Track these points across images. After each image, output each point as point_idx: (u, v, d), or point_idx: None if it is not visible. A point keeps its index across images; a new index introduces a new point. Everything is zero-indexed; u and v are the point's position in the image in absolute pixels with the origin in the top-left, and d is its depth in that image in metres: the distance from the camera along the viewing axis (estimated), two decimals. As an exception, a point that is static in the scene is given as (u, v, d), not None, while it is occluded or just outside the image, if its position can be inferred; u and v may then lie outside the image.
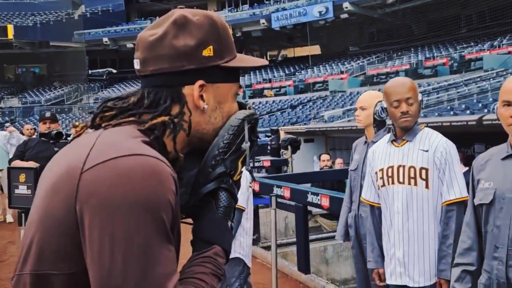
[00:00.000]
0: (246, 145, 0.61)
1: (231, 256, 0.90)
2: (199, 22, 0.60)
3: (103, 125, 0.58)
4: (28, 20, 26.18)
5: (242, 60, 0.64)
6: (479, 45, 20.81)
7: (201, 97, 0.59)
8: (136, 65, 0.61)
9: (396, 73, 21.64)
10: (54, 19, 26.54)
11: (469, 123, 6.76)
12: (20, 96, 26.00)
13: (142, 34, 0.61)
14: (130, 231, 0.49)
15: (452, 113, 13.67)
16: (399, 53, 23.91)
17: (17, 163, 3.42)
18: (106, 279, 0.49)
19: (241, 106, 0.64)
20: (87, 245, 0.50)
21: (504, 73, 15.88)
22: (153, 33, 0.59)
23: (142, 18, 28.01)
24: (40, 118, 3.63)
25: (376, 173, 1.92)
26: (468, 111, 11.65)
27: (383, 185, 1.88)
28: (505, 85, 1.49)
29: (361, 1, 23.24)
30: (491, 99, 11.98)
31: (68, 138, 3.29)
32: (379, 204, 1.95)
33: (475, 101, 13.41)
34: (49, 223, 0.54)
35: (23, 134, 6.77)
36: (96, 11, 27.29)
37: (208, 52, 0.59)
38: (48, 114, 3.39)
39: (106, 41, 25.62)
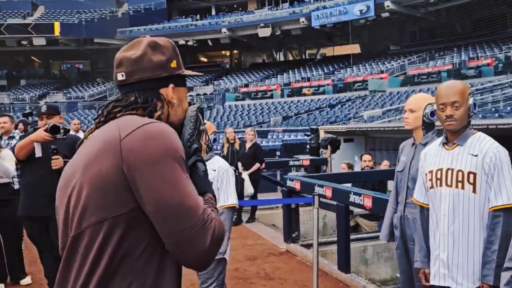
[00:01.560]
0: (203, 127, 0.90)
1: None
2: (165, 44, 0.85)
3: (118, 115, 0.80)
4: (74, 17, 27.08)
5: (188, 71, 0.91)
6: None
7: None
8: (120, 77, 0.82)
9: (438, 73, 21.25)
10: (98, 16, 27.46)
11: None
12: (65, 91, 26.95)
13: (123, 54, 0.83)
14: (170, 170, 0.73)
15: (497, 115, 13.40)
16: (442, 53, 23.53)
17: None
18: (166, 200, 0.72)
19: (188, 103, 0.90)
20: (141, 187, 0.72)
21: None
22: (133, 53, 0.82)
23: (184, 16, 28.49)
24: (37, 113, 3.13)
25: (426, 174, 1.94)
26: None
27: (432, 187, 1.90)
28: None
29: (403, 0, 22.81)
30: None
31: (68, 134, 2.83)
32: (428, 205, 1.96)
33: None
34: (101, 183, 0.74)
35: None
36: (139, 9, 28.01)
37: (174, 64, 0.84)
38: (44, 109, 2.83)
39: None
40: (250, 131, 6.60)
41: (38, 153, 2.73)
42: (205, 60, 33.33)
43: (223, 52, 32.82)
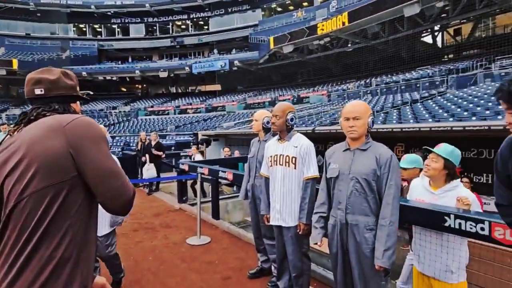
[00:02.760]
0: None
1: (109, 231, 2.77)
2: (72, 75, 1.16)
3: (47, 115, 1.03)
4: (28, 57, 36.07)
5: (80, 93, 1.22)
6: (307, 89, 31.89)
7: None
8: (39, 91, 1.05)
9: (263, 103, 30.29)
10: (47, 57, 36.68)
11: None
12: (21, 107, 34.61)
13: (40, 76, 1.07)
14: (105, 148, 1.00)
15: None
16: (265, 91, 34.95)
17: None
18: (105, 167, 0.97)
19: None
20: (86, 159, 0.94)
21: (322, 104, 24.91)
22: (49, 76, 1.07)
23: (110, 61, 39.65)
24: None
25: (268, 158, 2.74)
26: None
27: (271, 165, 2.68)
28: (345, 108, 2.15)
29: (244, 60, 35.75)
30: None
31: None
32: (269, 176, 2.74)
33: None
34: (49, 157, 0.90)
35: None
36: (77, 54, 38.29)
37: (77, 87, 1.16)
38: None
39: (85, 75, 36.40)
40: (154, 134, 8.40)
41: None
42: (125, 89, 44.46)
43: (137, 85, 44.39)
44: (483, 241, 2.15)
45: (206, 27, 42.08)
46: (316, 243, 2.31)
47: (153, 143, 8.18)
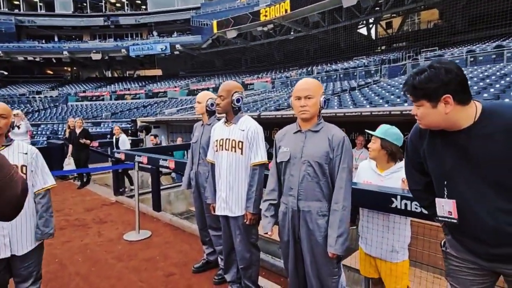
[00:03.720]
0: None
1: (33, 247, 1.92)
2: None
3: None
4: None
5: None
6: (251, 76, 32.73)
7: None
8: None
9: (207, 89, 26.39)
10: None
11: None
12: None
13: None
14: None
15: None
16: (208, 77, 35.33)
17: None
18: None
19: None
20: None
21: (266, 91, 26.35)
22: None
23: (31, 40, 35.39)
24: None
25: (213, 142, 2.54)
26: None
27: (217, 150, 2.49)
28: (297, 86, 1.98)
29: (186, 44, 34.94)
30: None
31: None
32: (215, 162, 2.52)
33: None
34: None
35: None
36: None
37: None
38: None
39: (0, 54, 32.56)
40: (79, 121, 7.31)
41: None
42: (51, 72, 40.44)
43: (66, 67, 40.51)
44: (427, 220, 2.18)
45: (144, 7, 39.60)
46: (266, 233, 2.16)
47: (77, 130, 7.27)
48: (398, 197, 2.21)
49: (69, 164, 7.24)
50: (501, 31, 20.52)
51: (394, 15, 29.35)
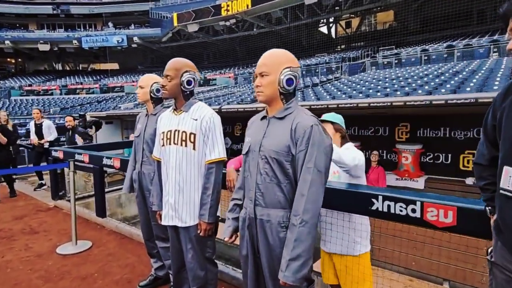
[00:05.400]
0: None
1: None
2: None
3: None
4: None
5: None
6: (215, 71, 32.77)
7: None
8: None
9: None
10: None
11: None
12: None
13: None
14: None
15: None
16: None
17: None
18: None
19: None
20: None
21: (228, 86, 25.78)
22: None
23: None
24: None
25: (159, 135, 2.10)
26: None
27: (163, 145, 2.04)
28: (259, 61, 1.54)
29: (145, 37, 33.49)
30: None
31: None
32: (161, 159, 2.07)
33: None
34: None
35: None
36: None
37: None
38: None
39: None
40: (3, 114, 6.21)
41: None
42: None
43: (8, 59, 37.00)
44: (414, 225, 1.87)
45: (98, -4, 37.08)
46: (225, 238, 1.76)
47: None
48: (380, 197, 1.89)
49: None
50: (451, 32, 21.77)
51: (353, 15, 30.17)
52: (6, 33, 33.09)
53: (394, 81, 12.43)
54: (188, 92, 2.05)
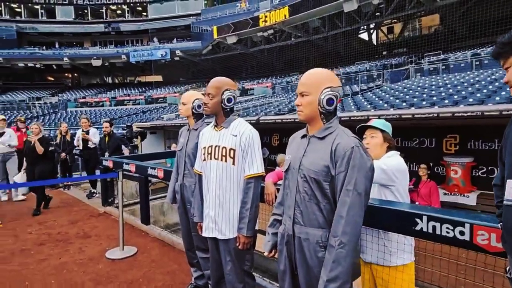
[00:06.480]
0: None
1: None
2: None
3: None
4: None
5: None
6: (252, 81, 33.81)
7: None
8: None
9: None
10: None
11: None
12: None
13: None
14: None
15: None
16: (208, 83, 38.89)
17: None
18: None
19: None
20: None
21: (266, 96, 26.99)
22: None
23: (32, 46, 35.44)
24: None
25: (201, 150, 2.19)
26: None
27: (204, 159, 2.14)
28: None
29: (186, 50, 34.97)
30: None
31: None
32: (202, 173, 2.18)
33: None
34: None
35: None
36: None
37: None
38: None
39: (1, 60, 32.51)
40: (36, 126, 5.80)
41: None
42: (52, 78, 40.32)
43: (66, 74, 40.51)
44: (463, 248, 1.76)
45: (144, 13, 39.59)
46: (265, 253, 1.78)
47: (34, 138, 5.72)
48: (424, 217, 1.80)
49: (19, 178, 5.77)
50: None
51: (395, 20, 29.09)
52: (65, 50, 36.37)
53: (442, 88, 11.79)
54: (228, 109, 2.14)
